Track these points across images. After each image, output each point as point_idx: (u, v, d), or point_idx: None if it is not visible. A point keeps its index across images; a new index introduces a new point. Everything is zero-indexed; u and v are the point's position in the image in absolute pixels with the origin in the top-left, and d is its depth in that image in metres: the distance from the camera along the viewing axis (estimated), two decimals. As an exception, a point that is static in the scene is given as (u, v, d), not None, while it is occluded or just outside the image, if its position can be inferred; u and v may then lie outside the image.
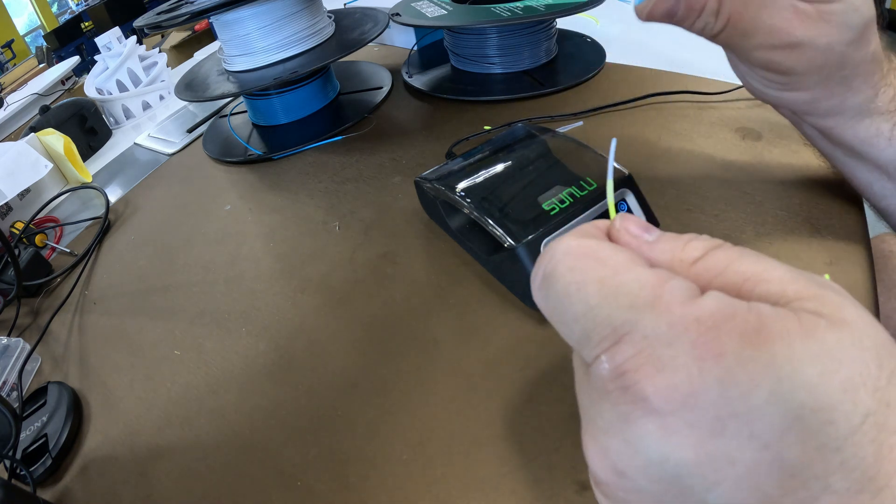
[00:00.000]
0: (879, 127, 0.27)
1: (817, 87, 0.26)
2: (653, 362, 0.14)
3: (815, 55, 0.24)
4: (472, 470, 0.25)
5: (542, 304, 0.17)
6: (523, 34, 0.53)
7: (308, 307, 0.36)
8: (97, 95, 0.79)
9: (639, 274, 0.15)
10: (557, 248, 0.17)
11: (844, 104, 0.26)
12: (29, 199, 0.60)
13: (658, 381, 0.14)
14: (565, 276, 0.16)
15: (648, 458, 0.14)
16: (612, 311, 0.15)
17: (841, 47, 0.24)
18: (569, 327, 0.16)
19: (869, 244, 0.30)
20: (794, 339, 0.13)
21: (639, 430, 0.14)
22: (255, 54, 0.54)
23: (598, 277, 0.15)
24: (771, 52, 0.25)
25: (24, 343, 0.41)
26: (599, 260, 0.16)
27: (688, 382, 0.13)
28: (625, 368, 0.14)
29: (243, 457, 0.29)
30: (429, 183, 0.36)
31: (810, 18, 0.24)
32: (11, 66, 3.13)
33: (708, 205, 0.34)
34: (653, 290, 0.15)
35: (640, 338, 0.14)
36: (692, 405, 0.13)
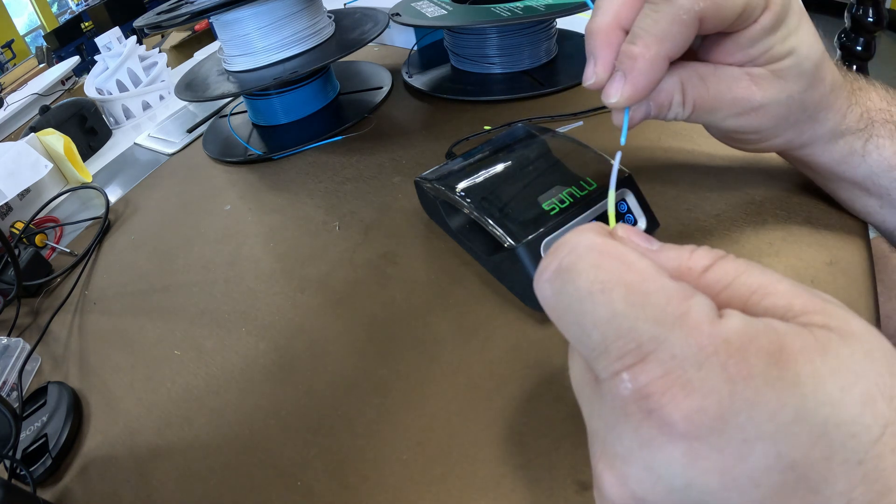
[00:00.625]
0: (852, 146, 0.28)
1: (787, 132, 0.27)
2: (682, 385, 0.13)
3: (779, 109, 0.26)
4: (472, 470, 0.25)
5: (552, 299, 0.16)
6: (523, 34, 0.53)
7: (308, 307, 0.36)
8: (97, 95, 0.79)
9: (665, 284, 0.14)
10: (580, 241, 0.16)
11: (816, 134, 0.27)
12: (29, 199, 0.60)
13: (687, 406, 0.13)
14: (588, 274, 0.15)
15: (671, 485, 0.14)
16: (637, 322, 0.14)
17: (800, 95, 0.25)
18: (584, 331, 0.15)
19: (869, 244, 0.30)
20: (813, 357, 0.13)
21: (662, 457, 0.14)
22: (255, 54, 0.54)
23: (626, 282, 0.14)
24: (737, 120, 0.26)
25: (24, 343, 0.41)
26: (626, 263, 0.15)
27: (718, 406, 0.13)
28: (650, 391, 0.13)
29: (243, 457, 0.29)
30: (429, 183, 0.36)
31: (766, 80, 0.25)
32: (11, 66, 3.13)
33: (708, 204, 0.34)
34: (679, 304, 0.14)
35: (668, 357, 0.14)
36: (721, 429, 0.13)
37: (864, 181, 0.28)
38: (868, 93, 0.28)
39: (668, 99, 0.25)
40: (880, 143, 0.27)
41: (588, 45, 0.24)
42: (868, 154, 0.28)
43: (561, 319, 0.16)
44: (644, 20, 0.22)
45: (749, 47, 0.24)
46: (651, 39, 0.22)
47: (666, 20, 0.22)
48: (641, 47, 0.22)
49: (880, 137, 0.27)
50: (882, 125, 0.27)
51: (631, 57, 0.22)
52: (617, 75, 0.23)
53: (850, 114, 0.27)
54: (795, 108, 0.26)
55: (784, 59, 0.24)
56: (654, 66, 0.22)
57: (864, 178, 0.28)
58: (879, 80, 0.30)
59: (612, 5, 0.23)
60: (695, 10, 0.21)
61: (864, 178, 0.28)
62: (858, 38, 0.71)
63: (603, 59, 0.23)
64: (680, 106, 0.25)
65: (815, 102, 0.26)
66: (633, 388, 0.14)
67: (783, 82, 0.25)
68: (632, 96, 0.23)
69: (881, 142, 0.27)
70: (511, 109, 0.50)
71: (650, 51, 0.22)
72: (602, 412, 0.15)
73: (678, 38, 0.22)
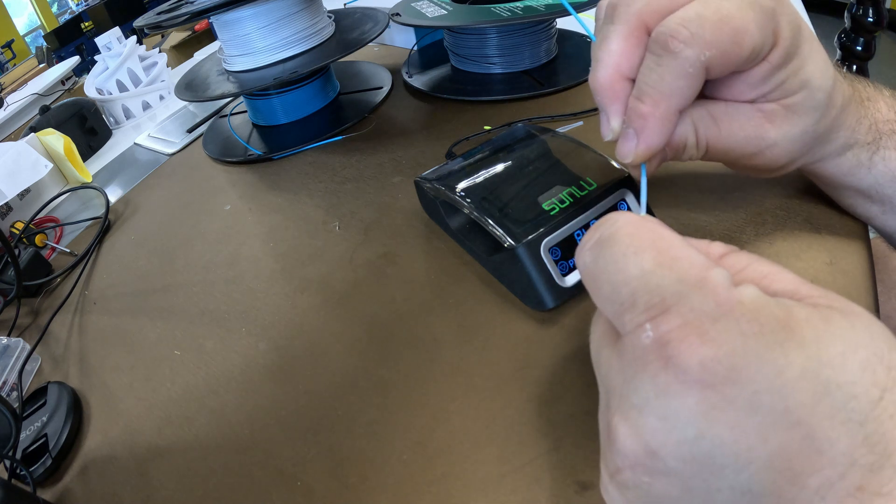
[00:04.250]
0: (859, 158, 0.27)
1: (801, 159, 0.27)
2: (699, 334, 0.14)
3: (793, 145, 0.25)
4: (472, 470, 0.25)
5: (589, 266, 0.17)
6: (523, 34, 0.53)
7: (308, 307, 0.36)
8: (97, 95, 0.79)
9: (690, 253, 0.16)
10: (618, 217, 0.18)
11: (826, 152, 0.27)
12: (29, 199, 0.60)
13: (702, 352, 0.14)
14: (624, 240, 0.17)
15: (684, 434, 0.14)
16: (663, 280, 0.15)
17: (814, 127, 0.25)
18: (615, 289, 0.16)
19: (869, 244, 0.30)
20: (817, 324, 0.14)
21: (677, 404, 0.14)
22: (255, 54, 0.54)
23: (657, 247, 0.16)
24: (752, 159, 0.25)
25: (24, 343, 0.41)
26: (658, 234, 0.17)
27: (731, 356, 0.14)
28: (670, 338, 0.14)
29: (243, 457, 0.29)
30: (429, 183, 0.36)
31: (779, 116, 0.24)
32: (11, 66, 3.13)
33: (708, 204, 0.34)
34: (700, 270, 0.15)
35: (687, 310, 0.15)
36: (733, 379, 0.14)
37: (868, 190, 0.28)
38: (876, 102, 0.28)
39: (683, 142, 0.24)
40: (887, 154, 0.27)
41: (596, 100, 0.24)
42: (874, 165, 0.27)
43: (596, 281, 0.17)
44: (650, 75, 0.22)
45: (760, 85, 0.23)
46: (658, 96, 0.21)
47: (671, 75, 0.21)
48: (650, 106, 0.22)
49: (887, 149, 0.27)
50: (889, 136, 0.27)
51: (640, 116, 0.22)
52: (629, 133, 0.23)
53: (859, 127, 0.27)
54: (809, 140, 0.25)
55: (797, 94, 0.24)
56: (665, 122, 0.22)
57: (868, 187, 0.28)
58: (880, 82, 0.30)
59: (611, 57, 0.23)
60: (701, 62, 0.21)
61: (868, 187, 0.28)
62: (858, 38, 0.71)
63: (615, 113, 0.23)
64: (694, 148, 0.25)
65: (827, 127, 0.25)
66: (654, 336, 0.15)
67: (797, 117, 0.24)
68: (646, 153, 0.22)
69: (888, 153, 0.27)
70: (511, 109, 0.50)
71: (659, 109, 0.21)
72: (621, 366, 0.16)
73: (685, 91, 0.21)
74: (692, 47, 0.21)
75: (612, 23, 0.23)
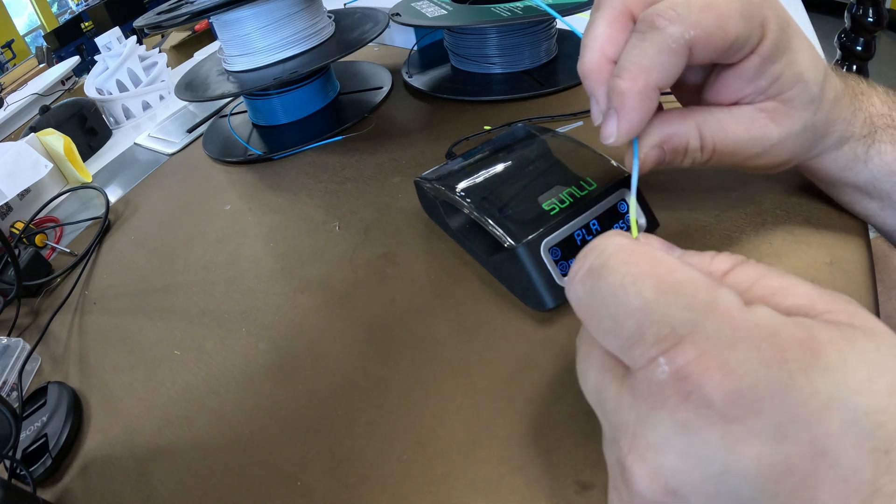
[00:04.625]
0: (855, 151, 0.27)
1: (802, 154, 0.27)
2: (719, 365, 0.13)
3: (796, 141, 0.25)
4: (472, 470, 0.25)
5: (585, 299, 0.16)
6: (523, 34, 0.53)
7: (308, 307, 0.36)
8: (97, 95, 0.79)
9: (692, 275, 0.15)
10: (608, 243, 0.16)
11: (824, 146, 0.27)
12: (29, 199, 0.60)
13: (725, 386, 0.13)
14: (619, 269, 0.15)
15: (708, 472, 0.14)
16: (670, 309, 0.14)
17: (812, 120, 0.25)
18: (617, 323, 0.15)
19: (869, 244, 0.30)
20: (842, 347, 0.13)
21: (700, 441, 0.13)
22: (255, 54, 0.54)
23: (656, 274, 0.15)
24: (757, 159, 0.26)
25: (24, 343, 0.41)
26: (654, 259, 0.16)
27: (755, 387, 0.13)
28: (688, 371, 0.14)
29: (243, 457, 0.29)
30: (429, 183, 0.36)
31: (780, 113, 0.24)
32: (11, 66, 3.13)
33: (708, 204, 0.34)
34: (707, 293, 0.14)
35: (702, 339, 0.14)
36: (758, 410, 0.13)
37: (865, 185, 0.28)
38: (870, 97, 0.28)
39: (683, 144, 0.24)
40: (882, 148, 0.27)
41: (585, 85, 0.24)
42: (870, 160, 0.27)
43: (594, 316, 0.16)
44: (631, 51, 0.22)
45: (756, 79, 0.24)
46: (637, 70, 0.21)
47: (654, 49, 0.21)
48: (628, 81, 0.21)
49: (882, 143, 0.27)
50: (884, 130, 0.27)
51: (619, 93, 0.22)
52: (609, 114, 0.23)
53: (854, 120, 0.27)
54: (809, 134, 0.26)
55: (794, 87, 0.24)
56: (644, 98, 0.22)
57: (865, 182, 0.28)
58: (880, 82, 0.30)
59: (597, 41, 0.23)
60: (685, 39, 0.21)
61: (865, 182, 0.28)
62: (858, 38, 0.71)
63: (603, 98, 0.23)
64: (698, 151, 0.25)
65: (823, 120, 0.26)
66: (671, 370, 0.14)
67: (796, 112, 0.24)
68: (627, 132, 0.22)
69: (883, 147, 0.27)
70: (511, 109, 0.50)
71: (637, 83, 0.21)
72: (633, 403, 0.15)
73: (667, 67, 0.21)
74: (677, 25, 0.21)
75: (598, 10, 0.24)
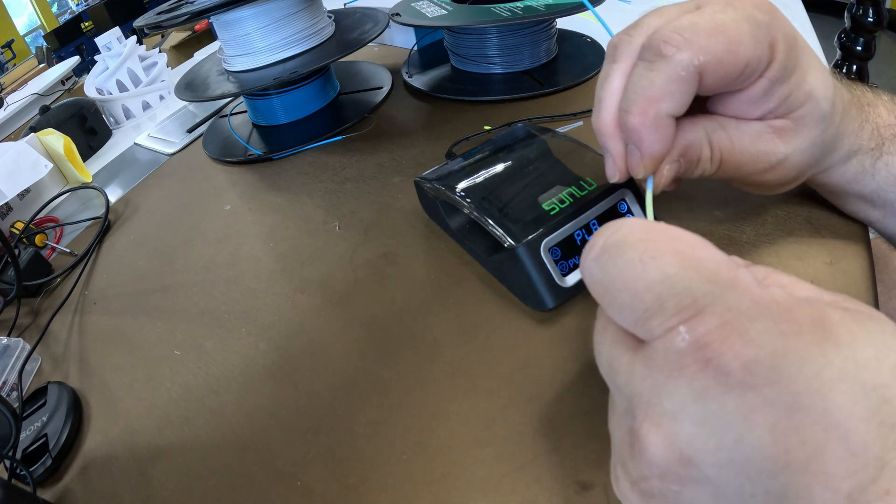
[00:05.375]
0: (863, 164, 0.27)
1: (809, 171, 0.27)
2: (739, 334, 0.14)
3: (803, 158, 0.25)
4: (472, 470, 0.25)
5: (598, 276, 0.16)
6: (523, 34, 0.53)
7: (308, 307, 0.36)
8: (97, 95, 0.79)
9: (714, 253, 0.15)
10: (623, 223, 0.17)
11: (832, 161, 0.27)
12: (29, 199, 0.60)
13: (744, 354, 0.13)
14: (637, 246, 0.16)
15: (722, 440, 0.14)
16: (692, 281, 0.15)
17: (821, 137, 0.25)
18: (636, 297, 0.15)
19: (869, 244, 0.30)
20: (850, 326, 0.14)
21: (716, 408, 0.14)
22: (255, 54, 0.54)
23: (676, 250, 0.15)
24: (764, 175, 0.25)
25: (24, 343, 0.41)
26: (674, 236, 0.16)
27: (772, 357, 0.13)
28: (708, 340, 0.14)
29: (243, 457, 0.29)
30: (429, 183, 0.36)
31: (788, 131, 0.24)
32: (11, 66, 3.13)
33: (708, 205, 0.34)
34: (728, 270, 0.15)
35: (724, 309, 0.14)
36: (774, 380, 0.13)
37: (870, 195, 0.28)
38: (876, 108, 0.27)
39: (697, 153, 0.24)
40: (890, 160, 0.27)
41: (600, 141, 0.24)
42: (878, 172, 0.27)
43: (608, 290, 0.16)
44: (639, 81, 0.21)
45: (764, 101, 0.23)
46: (645, 102, 0.21)
47: (662, 79, 0.21)
48: (638, 114, 0.21)
49: (890, 154, 0.27)
50: (891, 141, 0.27)
51: (631, 130, 0.22)
52: (631, 150, 0.22)
53: (861, 132, 0.27)
54: (818, 151, 0.25)
55: (803, 106, 0.23)
56: (658, 127, 0.21)
57: (871, 192, 0.28)
58: (878, 82, 0.30)
59: (614, 96, 0.23)
60: (694, 66, 0.20)
61: (871, 192, 0.28)
62: (858, 38, 0.71)
63: (619, 153, 0.23)
64: (708, 161, 0.24)
65: (833, 136, 0.26)
66: (691, 338, 0.14)
67: (805, 129, 0.24)
68: (652, 162, 0.22)
69: (891, 159, 0.27)
70: (511, 109, 0.50)
71: (648, 115, 0.21)
72: (648, 372, 0.15)
73: (677, 96, 0.21)
74: (686, 51, 0.20)
75: (614, 61, 0.23)
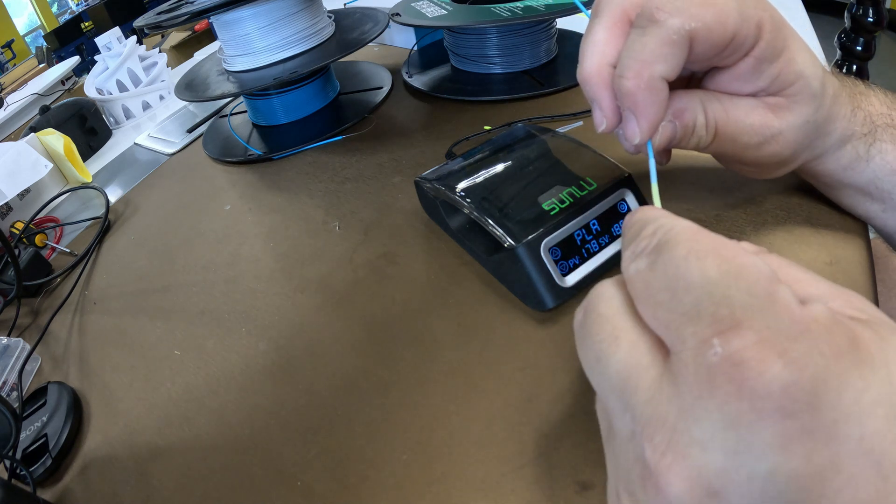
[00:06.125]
0: (857, 150, 0.28)
1: (804, 154, 0.27)
2: (779, 354, 0.13)
3: (797, 135, 0.26)
4: (472, 470, 0.25)
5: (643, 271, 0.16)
6: (523, 34, 0.53)
7: (308, 307, 0.36)
8: (97, 95, 0.79)
9: (756, 262, 0.15)
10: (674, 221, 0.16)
11: (826, 146, 0.27)
12: (29, 199, 0.60)
13: (784, 376, 0.12)
14: (685, 244, 0.15)
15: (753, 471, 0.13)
16: (730, 290, 0.14)
17: (814, 116, 0.25)
18: (674, 296, 0.15)
19: (869, 244, 0.30)
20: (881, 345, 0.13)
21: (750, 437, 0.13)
22: (255, 54, 0.54)
23: (721, 254, 0.15)
24: (758, 150, 0.26)
25: (24, 343, 0.41)
26: (718, 240, 0.15)
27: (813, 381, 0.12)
28: (744, 356, 0.13)
29: (243, 457, 0.29)
30: (429, 183, 0.36)
31: (782, 107, 0.25)
32: (11, 66, 3.13)
33: (708, 205, 0.34)
34: (769, 283, 0.14)
35: (763, 326, 0.13)
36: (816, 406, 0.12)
37: (866, 186, 0.28)
38: (868, 97, 0.28)
39: (692, 118, 0.25)
40: (883, 147, 0.27)
41: (586, 92, 0.24)
42: (871, 159, 0.27)
43: (649, 288, 0.16)
44: (632, 46, 0.22)
45: (754, 80, 0.24)
46: (639, 66, 0.21)
47: (655, 42, 0.21)
48: (632, 78, 0.22)
49: (883, 142, 0.27)
50: (884, 129, 0.27)
51: (627, 93, 0.22)
52: (627, 116, 0.23)
53: (854, 118, 0.27)
54: (811, 130, 0.26)
55: (795, 84, 0.24)
56: (654, 91, 0.22)
57: (867, 182, 0.28)
58: (878, 82, 0.30)
59: (596, 46, 0.23)
60: (685, 30, 0.21)
61: (867, 182, 0.28)
62: (858, 38, 0.71)
63: (606, 101, 0.23)
64: (703, 128, 0.25)
65: (825, 117, 0.26)
66: (724, 353, 0.13)
67: (798, 107, 0.25)
68: (650, 128, 0.22)
69: (884, 146, 0.27)
70: (511, 109, 0.50)
71: (642, 78, 0.21)
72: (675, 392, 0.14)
73: (670, 59, 0.21)
74: (677, 17, 0.21)
75: (596, 17, 0.24)
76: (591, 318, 0.18)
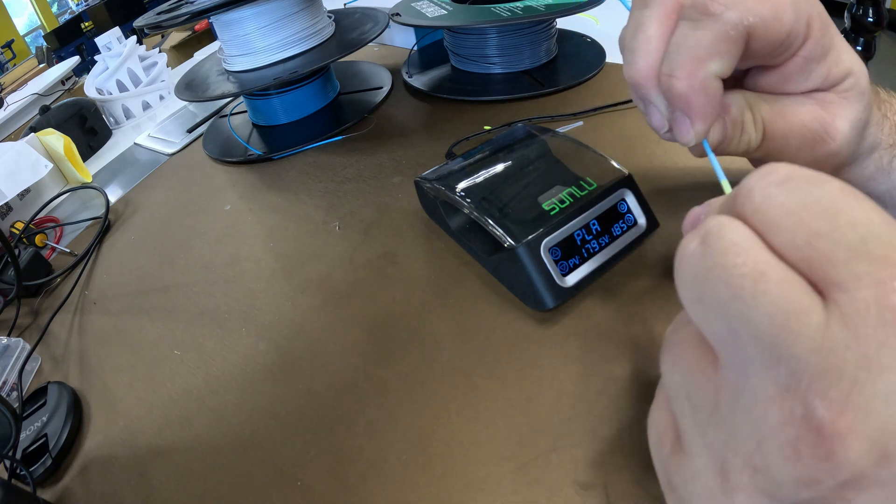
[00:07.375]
0: (881, 161, 0.26)
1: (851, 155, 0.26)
2: None
3: (851, 132, 0.24)
4: (472, 470, 0.25)
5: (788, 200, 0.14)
6: (523, 34, 0.53)
7: (308, 307, 0.36)
8: (97, 95, 0.79)
9: None
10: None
11: (861, 150, 0.26)
12: (29, 199, 0.60)
13: None
14: (838, 182, 0.14)
15: None
16: (893, 237, 0.12)
17: (863, 113, 0.24)
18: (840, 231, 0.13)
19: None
20: None
21: None
22: (255, 54, 0.54)
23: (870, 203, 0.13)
24: (813, 149, 0.24)
25: (24, 343, 0.41)
26: None
27: None
28: None
29: (243, 457, 0.29)
30: (429, 183, 0.36)
31: (833, 103, 0.23)
32: (11, 66, 3.13)
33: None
34: None
35: None
36: None
37: (882, 196, 0.28)
38: (892, 105, 0.27)
39: (741, 116, 0.23)
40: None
41: (637, 93, 0.22)
42: (893, 170, 0.26)
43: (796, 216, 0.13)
44: (684, 41, 0.20)
45: (803, 81, 0.23)
46: (692, 64, 0.20)
47: (710, 37, 0.20)
48: (684, 77, 0.20)
49: None
50: None
51: (679, 96, 0.20)
52: (678, 116, 0.21)
53: (882, 126, 0.26)
54: (861, 128, 0.24)
55: (845, 80, 0.23)
56: (707, 90, 0.20)
57: (884, 192, 0.27)
58: (880, 82, 0.29)
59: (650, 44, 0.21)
60: (743, 25, 0.20)
61: (884, 192, 0.27)
62: (858, 38, 0.71)
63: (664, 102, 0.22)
64: (752, 126, 0.24)
65: (866, 119, 0.25)
66: None
67: (848, 103, 0.24)
68: (704, 128, 0.21)
69: None
70: (511, 109, 0.50)
71: (696, 77, 0.20)
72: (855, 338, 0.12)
73: (726, 56, 0.20)
74: (735, 10, 0.20)
75: (646, 7, 0.22)
76: (721, 247, 0.14)
